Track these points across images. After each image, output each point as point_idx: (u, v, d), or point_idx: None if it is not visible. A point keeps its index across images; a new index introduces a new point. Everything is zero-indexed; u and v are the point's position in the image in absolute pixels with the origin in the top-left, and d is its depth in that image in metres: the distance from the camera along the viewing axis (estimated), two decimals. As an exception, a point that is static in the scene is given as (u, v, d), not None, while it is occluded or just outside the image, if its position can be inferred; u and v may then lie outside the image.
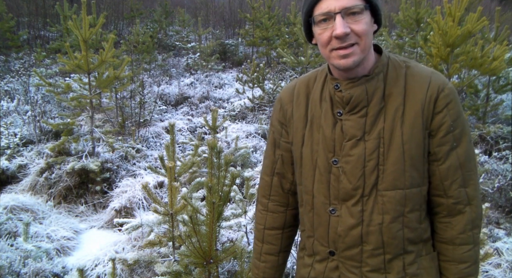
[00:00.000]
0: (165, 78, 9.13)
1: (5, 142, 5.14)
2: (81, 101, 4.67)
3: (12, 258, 3.02)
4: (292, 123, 1.28)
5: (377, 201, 1.15)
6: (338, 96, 1.17)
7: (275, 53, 10.41)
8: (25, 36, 11.19)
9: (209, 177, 2.03)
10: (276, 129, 1.34)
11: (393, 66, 1.18)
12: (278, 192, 1.37)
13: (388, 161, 1.13)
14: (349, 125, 1.16)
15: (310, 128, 1.23)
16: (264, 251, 1.41)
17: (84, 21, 4.39)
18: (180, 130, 6.28)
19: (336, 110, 1.19)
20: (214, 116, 4.61)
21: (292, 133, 1.28)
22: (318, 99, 1.23)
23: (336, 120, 1.18)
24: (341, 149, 1.17)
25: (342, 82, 1.16)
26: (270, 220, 1.39)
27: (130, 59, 5.17)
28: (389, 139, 1.14)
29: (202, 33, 11.11)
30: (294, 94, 1.30)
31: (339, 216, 1.18)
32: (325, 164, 1.19)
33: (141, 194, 4.11)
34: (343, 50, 1.09)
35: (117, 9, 14.02)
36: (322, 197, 1.20)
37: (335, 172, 1.18)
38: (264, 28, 10.84)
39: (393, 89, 1.15)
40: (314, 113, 1.23)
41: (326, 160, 1.19)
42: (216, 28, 14.70)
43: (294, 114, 1.27)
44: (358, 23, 1.09)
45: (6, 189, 4.54)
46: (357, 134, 1.15)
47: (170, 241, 2.72)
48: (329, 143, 1.18)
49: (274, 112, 1.36)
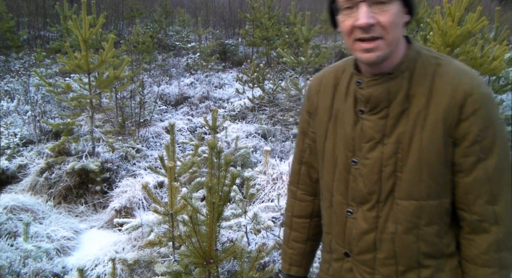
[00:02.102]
0: (165, 78, 9.13)
1: (5, 142, 5.14)
2: (81, 101, 4.67)
3: (12, 258, 3.02)
4: (318, 114, 1.22)
5: (392, 209, 1.08)
6: (359, 94, 1.09)
7: (275, 53, 10.41)
8: (25, 36, 11.18)
9: (209, 177, 2.03)
10: (304, 118, 1.29)
11: (422, 63, 1.07)
12: (306, 181, 1.33)
13: (405, 168, 1.05)
14: (369, 126, 1.09)
15: (334, 123, 1.17)
16: (291, 238, 1.38)
17: (84, 21, 4.39)
18: (180, 130, 6.28)
19: (358, 108, 1.11)
20: (214, 116, 4.61)
21: (317, 125, 1.23)
22: (344, 92, 1.16)
23: (357, 118, 1.11)
24: (360, 150, 1.10)
25: (364, 79, 1.08)
26: (297, 208, 1.36)
27: (130, 59, 5.16)
28: (408, 144, 1.04)
29: (202, 33, 11.11)
30: (321, 84, 1.23)
31: (355, 218, 1.13)
32: (344, 163, 1.14)
33: (141, 194, 4.11)
34: (367, 43, 1.00)
35: (117, 9, 14.02)
36: (340, 197, 1.15)
37: (353, 173, 1.12)
38: (264, 28, 10.84)
39: (418, 89, 1.05)
40: (339, 107, 1.16)
41: (346, 158, 1.13)
42: (216, 28, 14.70)
43: (319, 105, 1.21)
44: (385, 13, 0.98)
45: (6, 189, 4.54)
46: (376, 136, 1.07)
47: (170, 241, 2.72)
48: (349, 142, 1.12)
49: (304, 102, 1.31)
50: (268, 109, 6.91)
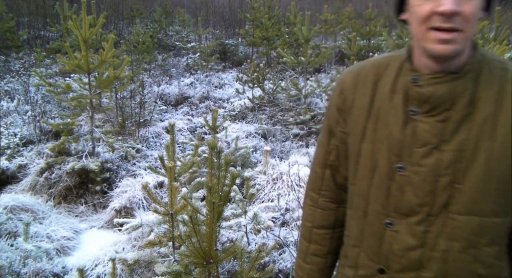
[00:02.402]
0: (165, 78, 9.13)
1: (5, 142, 5.14)
2: (81, 101, 4.67)
3: (12, 258, 3.02)
4: (353, 112, 1.09)
5: (446, 224, 0.96)
6: (416, 92, 0.97)
7: (275, 53, 10.41)
8: (25, 36, 11.18)
9: (209, 177, 2.03)
10: (333, 116, 1.15)
11: (488, 66, 0.97)
12: (330, 187, 1.19)
13: (467, 180, 0.93)
14: (424, 129, 0.96)
15: (375, 123, 1.04)
16: (311, 252, 1.24)
17: (84, 21, 4.39)
18: (180, 130, 6.28)
19: (409, 108, 0.99)
20: (214, 116, 4.61)
21: (351, 124, 1.09)
22: (388, 90, 1.03)
23: (407, 119, 0.99)
24: (410, 155, 0.98)
25: (423, 76, 0.96)
26: (319, 217, 1.22)
27: (130, 59, 5.16)
28: (472, 154, 0.93)
29: (202, 33, 11.11)
30: (358, 79, 1.09)
31: (397, 231, 1.01)
32: (387, 168, 1.01)
33: (141, 194, 4.11)
34: (445, 33, 0.88)
35: (117, 9, 14.02)
36: (379, 206, 1.03)
37: (398, 180, 0.99)
38: (264, 28, 10.84)
39: (484, 93, 0.94)
40: (381, 105, 1.04)
41: (389, 163, 1.01)
42: (216, 28, 14.70)
43: (356, 102, 1.08)
44: (470, 3, 0.88)
45: (6, 189, 4.54)
46: (433, 141, 0.95)
47: (170, 241, 2.72)
48: (395, 145, 1.00)
49: (332, 96, 1.16)
50: (268, 109, 6.91)
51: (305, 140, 5.83)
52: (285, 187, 4.10)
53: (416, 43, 0.98)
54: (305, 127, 6.13)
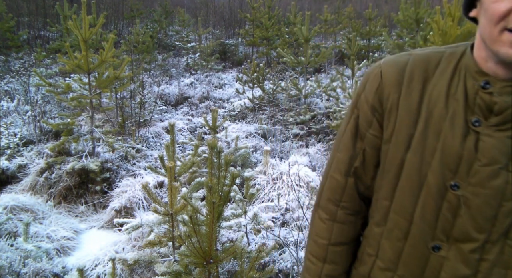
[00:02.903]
0: (165, 78, 9.13)
1: (5, 142, 5.14)
2: (81, 101, 4.67)
3: (12, 258, 3.02)
4: (395, 114, 0.93)
5: (503, 252, 0.86)
6: (484, 100, 0.83)
7: (275, 53, 10.42)
8: (25, 36, 11.19)
9: (209, 177, 2.03)
10: (364, 114, 0.98)
11: None
12: (353, 197, 1.04)
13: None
14: (491, 144, 0.83)
15: (424, 130, 0.89)
16: (325, 273, 1.08)
17: (84, 21, 4.39)
18: (180, 130, 6.29)
19: (471, 117, 0.85)
20: (214, 116, 4.61)
21: (390, 128, 0.94)
22: (443, 93, 0.88)
23: (468, 130, 0.85)
24: (469, 173, 0.85)
25: (496, 82, 0.83)
26: (337, 232, 1.06)
27: (130, 59, 5.16)
28: None
29: (202, 33, 11.11)
30: (404, 75, 0.93)
31: (445, 257, 0.90)
32: (439, 184, 0.88)
33: (141, 194, 4.11)
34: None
35: (117, 9, 14.03)
36: (426, 227, 0.90)
37: (451, 200, 0.87)
38: (264, 28, 10.84)
39: None
40: (434, 111, 0.89)
41: (441, 179, 0.87)
42: (216, 28, 14.71)
43: (401, 102, 0.92)
44: None
45: (6, 189, 4.54)
46: (501, 160, 0.82)
47: (170, 241, 2.72)
48: (451, 159, 0.86)
49: (365, 90, 0.98)
50: (268, 109, 6.91)
51: (305, 140, 5.83)
52: (285, 187, 4.10)
53: (484, 46, 0.84)
54: (305, 127, 6.13)
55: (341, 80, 5.86)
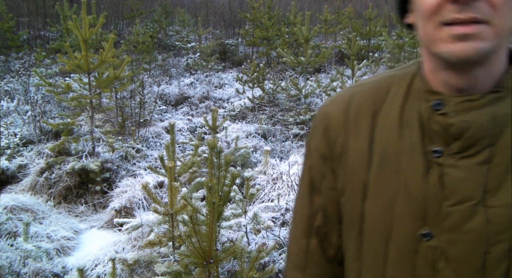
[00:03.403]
0: (165, 78, 9.14)
1: (5, 142, 5.14)
2: (81, 101, 4.67)
3: (12, 258, 3.02)
4: (346, 161, 0.78)
5: None
6: (440, 124, 0.68)
7: (275, 53, 10.42)
8: (25, 36, 11.19)
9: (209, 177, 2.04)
10: (316, 166, 0.83)
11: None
12: (320, 262, 0.86)
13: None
14: (458, 177, 0.66)
15: (380, 173, 0.74)
16: None
17: (84, 21, 4.39)
18: (180, 130, 6.29)
19: (430, 147, 0.69)
20: (214, 116, 4.61)
21: (344, 177, 0.79)
22: (395, 123, 0.73)
23: (430, 164, 0.69)
24: (439, 216, 0.68)
25: (449, 100, 0.67)
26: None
27: (130, 59, 5.17)
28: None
29: (202, 33, 11.12)
30: (349, 113, 0.78)
31: None
32: (408, 236, 0.71)
33: (141, 194, 4.11)
34: (463, 26, 0.61)
35: (117, 9, 14.03)
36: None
37: (426, 253, 0.69)
38: (264, 28, 10.84)
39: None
40: (387, 146, 0.73)
41: (410, 229, 0.70)
42: (216, 28, 14.71)
43: (350, 145, 0.77)
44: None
45: (6, 189, 4.54)
46: (474, 195, 0.65)
47: (170, 241, 2.72)
48: (415, 202, 0.70)
49: (313, 138, 0.84)
50: (268, 109, 6.91)
51: (305, 140, 5.83)
52: (285, 187, 4.11)
53: (428, 53, 0.70)
54: (305, 127, 6.14)
55: (341, 80, 5.86)
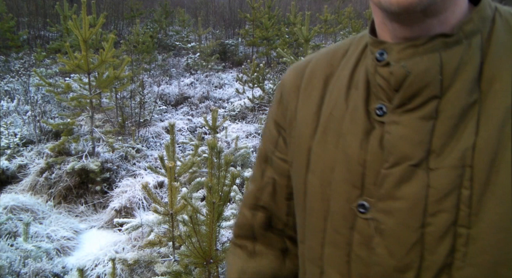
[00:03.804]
0: (165, 78, 9.13)
1: (5, 142, 5.14)
2: (81, 101, 4.67)
3: (12, 258, 3.02)
4: (295, 127, 0.70)
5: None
6: (383, 76, 0.57)
7: (275, 53, 10.41)
8: (25, 36, 11.18)
9: (209, 177, 2.04)
10: (270, 133, 0.76)
11: (507, 23, 0.57)
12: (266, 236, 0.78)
13: (482, 219, 0.51)
14: (398, 134, 0.56)
15: (321, 139, 0.64)
16: None
17: (84, 21, 4.39)
18: (180, 130, 6.29)
19: (374, 106, 0.59)
20: (214, 116, 4.61)
21: (294, 146, 0.70)
22: (344, 85, 0.65)
23: (372, 125, 0.59)
24: (376, 183, 0.57)
25: (393, 47, 0.57)
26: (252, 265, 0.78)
27: (130, 59, 5.17)
28: (487, 172, 0.51)
29: (202, 33, 11.12)
30: (302, 78, 0.71)
31: None
32: (343, 210, 0.60)
33: (141, 194, 4.11)
34: None
35: (117, 9, 14.03)
36: (338, 275, 0.61)
37: (362, 229, 0.58)
38: (264, 28, 10.84)
39: (502, 67, 0.54)
40: (333, 110, 0.64)
41: (347, 202, 0.60)
42: (216, 28, 14.71)
43: (299, 111, 0.69)
44: None
45: (6, 189, 4.54)
46: (414, 154, 0.54)
47: (170, 241, 2.72)
48: (353, 169, 0.59)
49: (271, 108, 0.78)
50: (268, 109, 6.91)
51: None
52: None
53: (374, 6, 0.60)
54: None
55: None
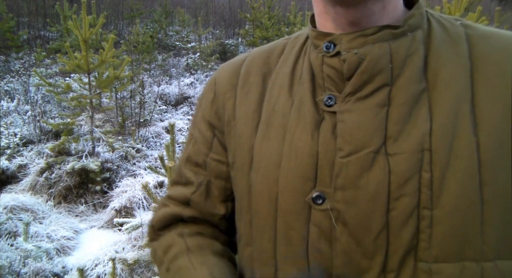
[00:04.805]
0: (165, 78, 9.13)
1: (5, 142, 5.14)
2: (81, 101, 4.68)
3: (12, 257, 3.02)
4: (234, 126, 0.68)
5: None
6: (332, 66, 0.58)
7: (275, 53, 10.41)
8: (25, 36, 11.18)
9: (209, 176, 2.03)
10: (203, 135, 0.73)
11: (439, 22, 0.61)
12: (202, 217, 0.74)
13: (443, 201, 0.52)
14: (353, 122, 0.55)
15: (265, 136, 0.63)
16: None
17: (84, 21, 4.40)
18: (180, 130, 6.28)
19: (321, 97, 0.59)
20: (214, 116, 4.61)
21: (234, 146, 0.67)
22: (286, 82, 0.65)
23: (321, 116, 0.59)
24: (332, 174, 0.56)
25: (341, 38, 0.58)
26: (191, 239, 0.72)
27: (130, 59, 5.17)
28: (447, 156, 0.52)
29: (202, 33, 11.12)
30: (238, 76, 0.70)
31: None
32: (295, 205, 0.58)
33: (141, 193, 4.11)
34: None
35: (117, 9, 14.03)
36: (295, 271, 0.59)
37: (319, 221, 0.57)
38: (264, 28, 10.84)
39: (444, 59, 0.57)
40: (276, 106, 0.64)
41: (298, 196, 0.58)
42: (216, 28, 14.71)
43: (237, 111, 0.68)
44: None
45: (6, 189, 4.54)
46: (371, 141, 0.54)
47: (170, 240, 2.72)
48: (304, 161, 0.58)
49: (201, 106, 0.75)
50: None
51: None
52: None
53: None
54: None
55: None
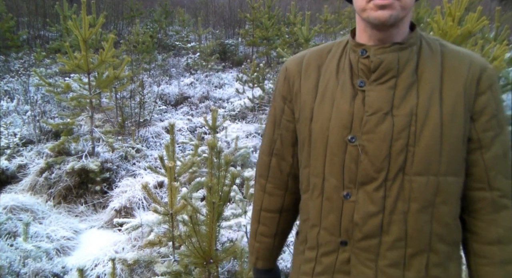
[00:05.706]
0: (165, 78, 9.13)
1: (5, 142, 5.14)
2: (81, 101, 4.67)
3: (12, 258, 3.02)
4: (300, 97, 1.14)
5: (403, 187, 1.00)
6: (364, 64, 1.03)
7: (275, 53, 10.41)
8: (25, 36, 11.17)
9: (209, 177, 2.03)
10: (278, 105, 1.20)
11: (427, 42, 1.07)
12: (276, 175, 1.24)
13: (420, 142, 0.99)
14: (375, 96, 1.02)
15: (321, 102, 1.09)
16: (259, 232, 1.30)
17: (84, 21, 4.39)
18: (180, 130, 6.28)
19: (357, 81, 1.05)
20: (214, 116, 4.61)
21: (299, 109, 1.13)
22: (334, 70, 1.10)
23: (355, 92, 1.04)
24: (361, 125, 1.02)
25: (370, 48, 1.03)
26: (266, 202, 1.27)
27: (130, 59, 5.16)
28: (423, 118, 0.99)
29: (202, 33, 11.11)
30: (302, 65, 1.16)
31: (355, 201, 1.03)
32: (338, 142, 1.04)
33: (141, 194, 4.11)
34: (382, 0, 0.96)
35: (117, 9, 14.01)
36: (335, 180, 1.05)
37: (351, 152, 1.03)
38: (264, 28, 10.83)
39: (427, 65, 1.03)
40: (327, 85, 1.09)
41: (340, 137, 1.04)
42: (216, 28, 14.69)
43: (302, 87, 1.13)
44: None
45: (6, 189, 4.54)
46: (384, 107, 1.00)
47: (170, 241, 2.72)
48: (344, 118, 1.04)
49: (277, 85, 1.21)
50: (268, 109, 6.91)
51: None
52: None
53: (359, 18, 1.07)
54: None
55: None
